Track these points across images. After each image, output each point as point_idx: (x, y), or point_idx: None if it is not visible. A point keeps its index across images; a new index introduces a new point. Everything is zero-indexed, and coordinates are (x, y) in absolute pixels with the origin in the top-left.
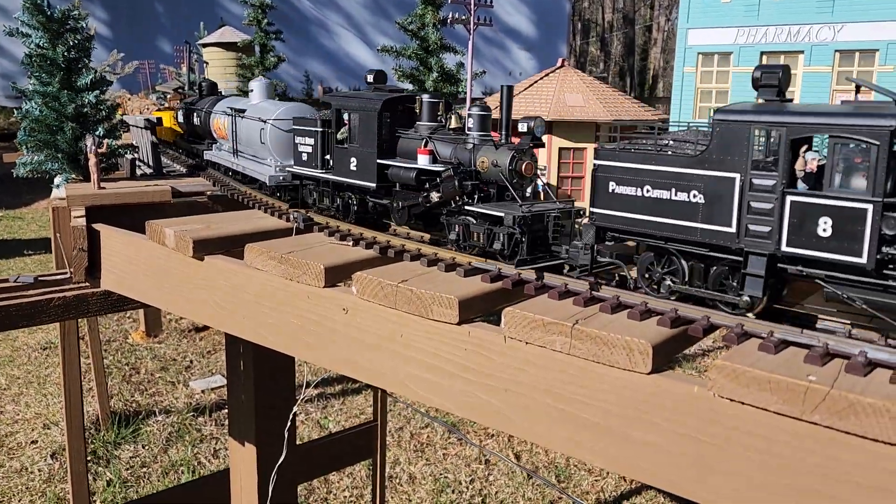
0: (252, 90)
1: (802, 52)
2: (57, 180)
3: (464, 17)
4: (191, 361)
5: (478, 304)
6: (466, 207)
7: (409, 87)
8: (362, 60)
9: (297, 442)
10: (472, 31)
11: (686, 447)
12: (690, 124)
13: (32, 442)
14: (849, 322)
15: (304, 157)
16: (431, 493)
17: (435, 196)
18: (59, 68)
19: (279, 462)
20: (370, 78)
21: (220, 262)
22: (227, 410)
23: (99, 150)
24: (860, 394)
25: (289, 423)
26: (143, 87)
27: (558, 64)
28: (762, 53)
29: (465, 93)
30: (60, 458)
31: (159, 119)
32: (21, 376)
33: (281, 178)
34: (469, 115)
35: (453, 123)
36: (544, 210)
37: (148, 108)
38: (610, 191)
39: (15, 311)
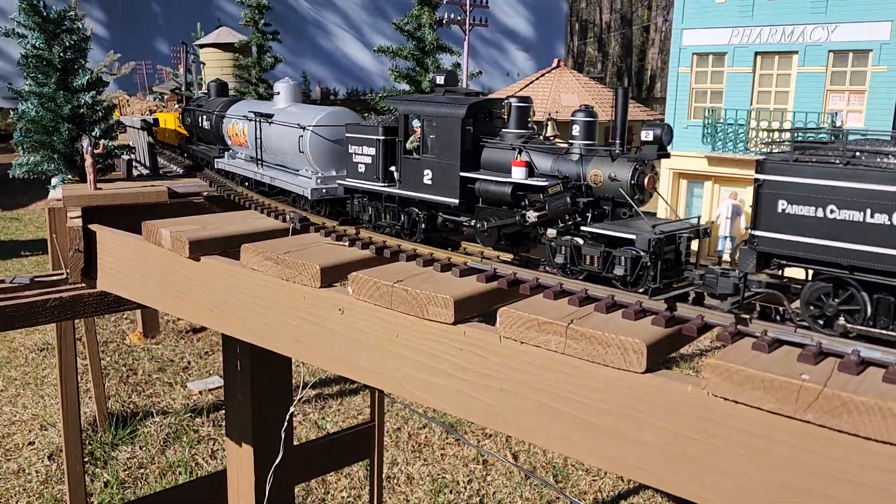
0: (278, 93)
1: (796, 52)
2: (53, 181)
3: (459, 18)
4: (188, 362)
5: (473, 304)
6: (584, 228)
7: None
8: (360, 61)
9: (295, 442)
10: (467, 32)
11: (680, 446)
12: (870, 132)
13: (29, 443)
14: None
15: (361, 168)
16: (429, 494)
17: (533, 215)
18: (56, 69)
19: (276, 462)
20: (441, 80)
21: (216, 262)
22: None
23: (95, 151)
24: (853, 392)
25: (286, 424)
26: (139, 88)
27: (554, 64)
28: (756, 54)
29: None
30: (58, 460)
31: (155, 120)
32: (18, 378)
33: (324, 190)
34: (573, 122)
35: (550, 131)
36: (676, 230)
37: (150, 111)
38: (779, 211)
39: (11, 312)
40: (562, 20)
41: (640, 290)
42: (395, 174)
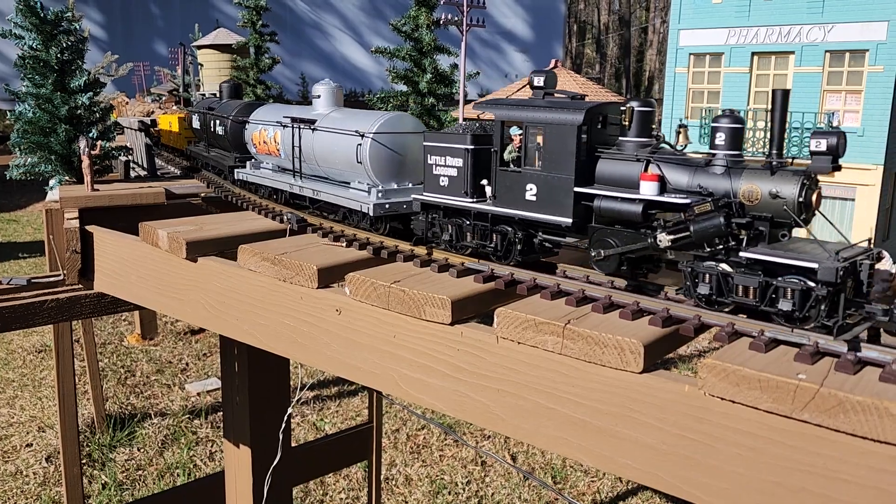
0: (318, 96)
1: (793, 52)
2: (51, 183)
3: (457, 19)
4: (186, 364)
5: (470, 304)
6: (744, 254)
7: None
8: (357, 62)
9: (293, 444)
10: (464, 33)
11: (677, 446)
12: None
13: (27, 445)
14: None
15: (444, 182)
16: (428, 495)
17: (667, 238)
18: (53, 70)
19: (274, 464)
20: (539, 81)
21: (213, 263)
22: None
23: (92, 152)
24: (849, 392)
25: (284, 425)
26: (137, 90)
27: (552, 65)
28: (753, 54)
29: (459, 94)
30: (55, 462)
31: (153, 121)
32: (16, 379)
33: (387, 206)
34: (715, 130)
35: (682, 140)
36: (855, 256)
37: (154, 112)
38: None
39: (8, 313)
40: (560, 21)
41: (809, 327)
42: (488, 189)
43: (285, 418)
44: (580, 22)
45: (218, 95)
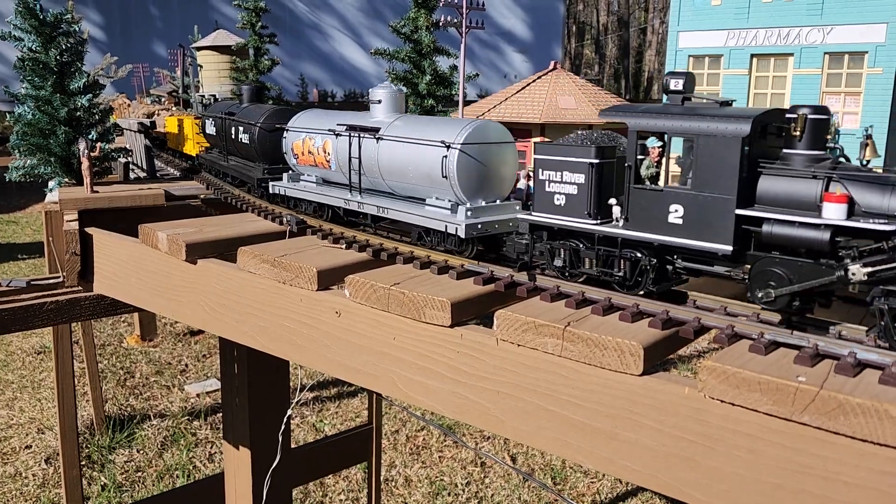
0: (378, 101)
1: (792, 54)
2: (50, 184)
3: (456, 20)
4: (186, 365)
5: (470, 306)
6: None
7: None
8: (357, 63)
9: (293, 445)
10: (463, 34)
11: (677, 448)
12: None
13: (26, 447)
14: None
15: (559, 200)
16: (427, 497)
17: (862, 271)
18: (52, 72)
19: (274, 465)
20: (677, 84)
21: (212, 265)
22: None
23: (92, 154)
24: (849, 394)
25: (283, 427)
26: (137, 91)
27: (551, 66)
28: (752, 56)
29: (459, 95)
30: (54, 463)
31: (153, 123)
32: (15, 381)
33: (479, 226)
34: None
35: (868, 155)
36: None
37: (159, 114)
38: None
39: (8, 315)
40: (559, 22)
41: None
42: (616, 209)
43: (285, 420)
44: (579, 23)
45: (237, 99)
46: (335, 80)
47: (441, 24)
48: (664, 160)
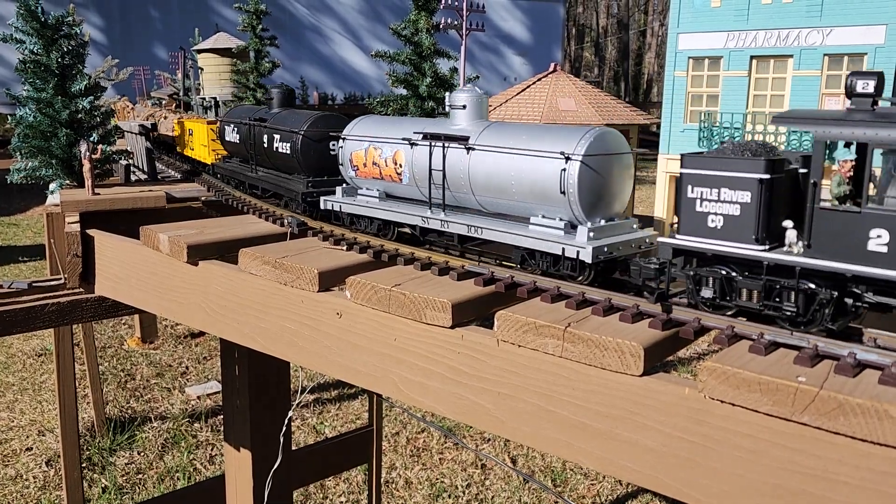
0: (462, 106)
1: (791, 56)
2: (51, 186)
3: (456, 23)
4: (186, 367)
5: (471, 307)
6: None
7: (404, 91)
8: (357, 66)
9: (293, 447)
10: (464, 37)
11: (677, 449)
12: None
13: (27, 449)
14: None
15: (716, 222)
16: (428, 498)
17: None
18: (53, 74)
19: (274, 467)
20: (867, 86)
21: (214, 267)
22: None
23: (93, 156)
24: (849, 394)
25: (284, 429)
26: (138, 94)
27: (551, 69)
28: (752, 57)
29: None
30: (55, 466)
31: (154, 125)
32: (16, 383)
33: (606, 248)
34: None
35: None
36: None
37: (166, 117)
38: None
39: (9, 317)
40: (559, 25)
41: None
42: (791, 233)
43: (286, 421)
44: (579, 25)
45: (267, 104)
46: (335, 83)
47: (441, 26)
48: (865, 176)
